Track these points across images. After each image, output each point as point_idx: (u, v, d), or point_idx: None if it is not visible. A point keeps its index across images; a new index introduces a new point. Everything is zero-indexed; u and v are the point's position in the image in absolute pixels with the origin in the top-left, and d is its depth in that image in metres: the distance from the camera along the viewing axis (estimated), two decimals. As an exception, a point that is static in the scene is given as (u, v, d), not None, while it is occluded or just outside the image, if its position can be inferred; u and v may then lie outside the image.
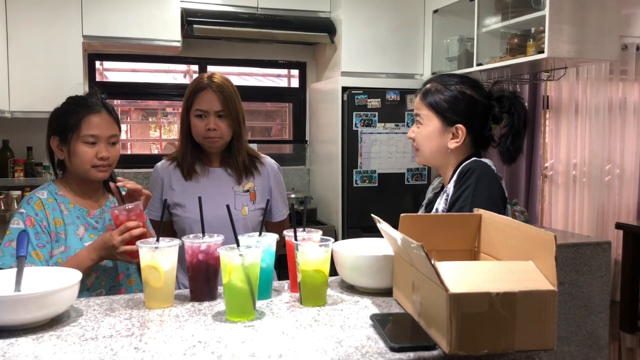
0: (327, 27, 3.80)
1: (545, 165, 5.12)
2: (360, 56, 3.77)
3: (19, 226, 1.57)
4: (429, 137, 1.63)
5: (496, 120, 1.64)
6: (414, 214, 1.58)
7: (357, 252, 1.44)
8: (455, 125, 1.61)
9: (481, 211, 1.41)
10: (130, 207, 1.56)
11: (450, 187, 1.60)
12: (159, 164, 2.03)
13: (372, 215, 1.45)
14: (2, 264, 1.53)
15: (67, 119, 1.67)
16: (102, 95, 1.75)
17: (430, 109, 1.62)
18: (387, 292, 1.41)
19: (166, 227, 1.92)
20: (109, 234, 1.54)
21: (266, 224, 2.05)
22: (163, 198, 1.88)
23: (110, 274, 1.68)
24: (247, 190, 1.98)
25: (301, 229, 1.47)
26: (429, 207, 1.74)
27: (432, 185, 1.87)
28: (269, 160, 2.09)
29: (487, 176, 1.55)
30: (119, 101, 4.24)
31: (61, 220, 1.63)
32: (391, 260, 1.37)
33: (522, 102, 1.65)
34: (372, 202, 3.64)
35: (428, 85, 1.66)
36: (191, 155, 1.96)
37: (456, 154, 1.64)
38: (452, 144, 1.62)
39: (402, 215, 1.39)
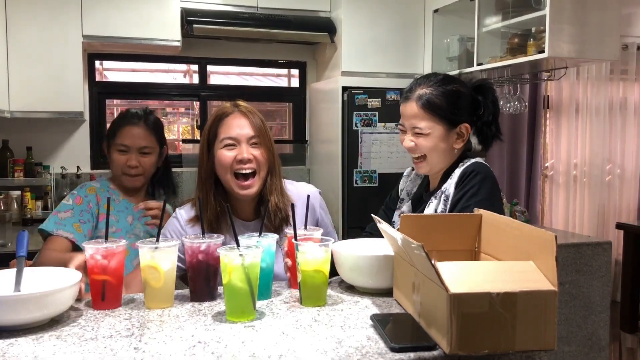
0: (327, 27, 3.80)
1: (546, 165, 5.12)
2: (360, 56, 3.77)
3: (68, 203, 1.83)
4: (436, 145, 1.59)
5: (479, 110, 1.65)
6: (415, 214, 1.58)
7: (357, 252, 1.44)
8: (460, 126, 1.60)
9: (481, 211, 1.41)
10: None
11: (450, 189, 1.58)
12: (182, 212, 1.64)
13: (372, 215, 1.45)
14: (46, 226, 1.79)
15: (110, 128, 1.90)
16: (149, 109, 1.93)
17: (433, 116, 1.57)
18: (387, 292, 1.40)
19: None
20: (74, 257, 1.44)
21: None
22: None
23: None
24: None
25: (302, 227, 1.46)
26: (419, 204, 1.71)
27: (409, 177, 1.82)
28: (307, 189, 1.71)
29: (489, 179, 1.55)
30: (118, 101, 4.25)
31: (112, 206, 1.84)
32: (391, 260, 1.37)
33: (494, 90, 1.69)
34: (372, 202, 3.63)
35: (420, 92, 1.59)
36: (214, 207, 1.56)
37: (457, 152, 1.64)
38: (459, 144, 1.61)
39: (402, 215, 1.39)
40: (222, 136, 1.56)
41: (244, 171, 1.54)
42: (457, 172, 1.59)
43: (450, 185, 1.59)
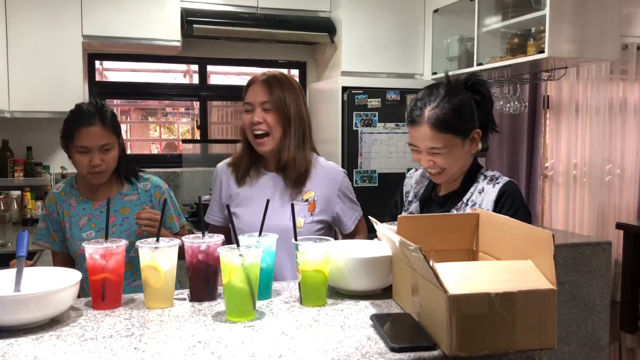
0: (327, 27, 3.80)
1: (546, 165, 5.12)
2: (360, 56, 3.77)
3: (43, 213, 1.93)
4: (456, 159, 1.60)
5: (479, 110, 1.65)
6: (412, 215, 1.57)
7: (340, 254, 1.42)
8: (472, 133, 1.61)
9: (479, 210, 1.41)
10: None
11: (482, 204, 1.59)
12: (219, 164, 1.93)
13: (370, 217, 1.45)
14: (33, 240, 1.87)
15: (66, 129, 1.82)
16: (101, 102, 1.86)
17: (447, 134, 1.56)
18: (370, 295, 1.41)
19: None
20: None
21: (344, 235, 1.93)
22: (222, 201, 1.86)
23: None
24: (306, 200, 1.79)
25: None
26: (426, 205, 1.72)
27: (413, 178, 1.84)
28: (330, 166, 1.89)
29: (522, 198, 1.61)
30: (118, 101, 4.25)
31: (68, 212, 1.88)
32: (376, 262, 1.37)
33: (487, 83, 1.68)
34: (372, 202, 3.63)
35: (428, 113, 1.56)
36: (247, 159, 1.83)
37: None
38: (474, 149, 1.64)
39: (399, 216, 1.39)
40: (244, 101, 1.79)
41: (256, 132, 1.75)
42: (490, 190, 1.60)
43: (481, 201, 1.60)
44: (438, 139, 1.56)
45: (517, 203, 1.57)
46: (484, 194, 1.61)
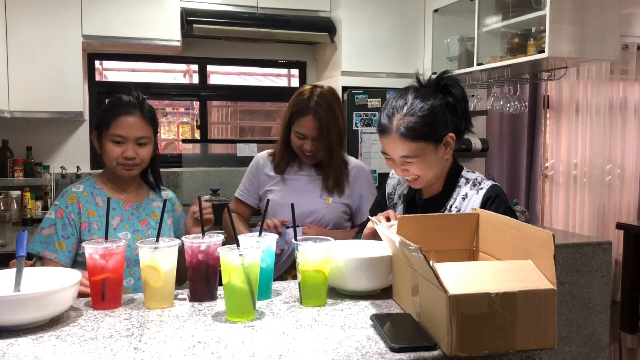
0: (327, 27, 3.79)
1: (546, 165, 5.12)
2: (361, 56, 3.77)
3: (50, 216, 1.71)
4: (429, 166, 1.55)
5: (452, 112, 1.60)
6: (412, 215, 1.58)
7: (343, 254, 1.43)
8: (445, 138, 1.55)
9: (479, 210, 1.41)
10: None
11: (467, 209, 1.55)
12: (260, 154, 2.24)
13: (369, 217, 1.45)
14: (31, 249, 1.67)
15: (102, 117, 1.74)
16: (143, 96, 1.78)
17: (417, 142, 1.51)
18: (370, 295, 1.40)
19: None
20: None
21: (352, 226, 2.18)
22: (259, 183, 2.16)
23: None
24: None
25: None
26: (411, 206, 1.69)
27: (395, 179, 1.80)
28: (357, 164, 2.18)
29: (507, 201, 1.58)
30: (119, 101, 4.24)
31: (94, 211, 1.72)
32: (377, 262, 1.37)
33: (459, 81, 1.63)
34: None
35: (397, 123, 1.51)
36: (287, 156, 2.13)
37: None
38: (448, 153, 1.59)
39: (399, 216, 1.39)
40: (296, 129, 2.04)
41: (307, 153, 2.05)
42: (474, 196, 1.56)
43: (465, 207, 1.56)
44: (409, 148, 1.51)
45: (502, 207, 1.51)
46: (467, 200, 1.57)
